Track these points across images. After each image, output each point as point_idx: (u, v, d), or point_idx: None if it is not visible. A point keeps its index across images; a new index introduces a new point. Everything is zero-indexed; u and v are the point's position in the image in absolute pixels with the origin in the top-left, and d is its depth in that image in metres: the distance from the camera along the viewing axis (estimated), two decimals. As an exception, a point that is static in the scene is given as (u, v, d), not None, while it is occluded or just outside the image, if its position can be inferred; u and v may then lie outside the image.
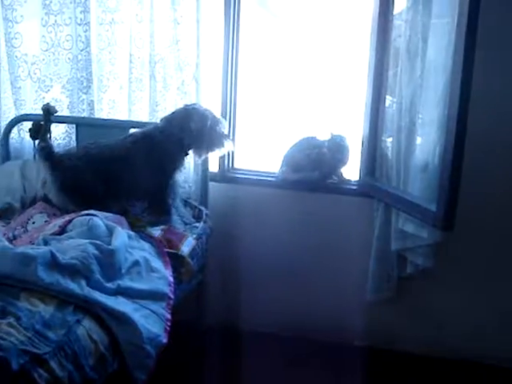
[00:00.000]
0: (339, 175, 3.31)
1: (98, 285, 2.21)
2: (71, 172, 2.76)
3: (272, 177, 3.38)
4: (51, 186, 2.79)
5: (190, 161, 3.23)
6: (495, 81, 2.90)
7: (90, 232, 2.43)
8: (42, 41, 3.27)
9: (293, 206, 3.34)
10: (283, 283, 3.40)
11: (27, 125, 3.29)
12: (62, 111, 3.31)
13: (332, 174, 3.30)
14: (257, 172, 3.48)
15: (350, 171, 3.33)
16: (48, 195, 2.85)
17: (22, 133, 3.40)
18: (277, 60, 3.82)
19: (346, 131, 3.32)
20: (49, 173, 2.76)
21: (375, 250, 3.17)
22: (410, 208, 2.84)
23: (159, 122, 2.98)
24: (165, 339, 2.26)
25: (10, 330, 1.83)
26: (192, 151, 3.00)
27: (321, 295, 3.37)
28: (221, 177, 3.41)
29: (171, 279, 2.50)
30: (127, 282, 2.32)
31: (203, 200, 3.25)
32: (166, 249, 2.67)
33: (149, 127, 2.96)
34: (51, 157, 2.76)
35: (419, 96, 2.86)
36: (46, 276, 2.11)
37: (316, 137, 3.31)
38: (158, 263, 2.53)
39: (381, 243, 3.14)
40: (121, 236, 2.45)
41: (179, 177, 3.06)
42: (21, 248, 2.25)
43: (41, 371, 1.76)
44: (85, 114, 3.31)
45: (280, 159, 3.35)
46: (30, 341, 1.82)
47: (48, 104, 3.19)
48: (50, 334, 1.89)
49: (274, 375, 3.06)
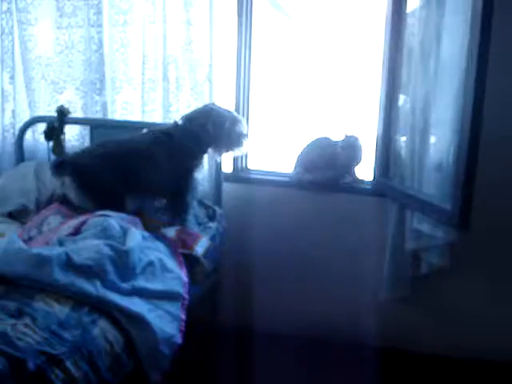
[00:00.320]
0: (353, 175, 3.30)
1: (113, 285, 2.22)
2: (89, 170, 2.77)
3: (286, 177, 3.38)
4: (70, 186, 2.81)
5: (204, 161, 3.22)
6: (510, 79, 2.88)
7: (105, 233, 2.43)
8: (56, 43, 3.30)
9: (307, 207, 3.33)
10: (298, 283, 3.40)
11: (41, 126, 3.31)
12: (76, 113, 3.34)
13: (346, 174, 3.29)
14: (271, 172, 3.48)
15: (364, 171, 3.33)
16: (68, 195, 2.87)
17: (37, 134, 3.42)
18: (290, 60, 3.82)
19: (360, 131, 3.31)
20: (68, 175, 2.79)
21: (390, 250, 3.15)
22: (425, 207, 2.82)
23: (179, 121, 2.97)
24: (179, 339, 2.27)
25: (27, 331, 1.85)
26: (211, 150, 3.00)
27: (335, 295, 3.36)
28: (234, 177, 3.41)
29: (186, 279, 2.50)
30: (142, 283, 2.33)
31: (217, 200, 3.26)
32: (181, 249, 2.67)
33: (168, 125, 2.97)
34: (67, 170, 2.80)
35: (433, 95, 2.83)
36: (62, 277, 2.13)
37: (330, 137, 3.31)
38: (173, 263, 2.53)
39: (395, 243, 3.13)
40: (135, 237, 2.46)
41: (199, 175, 3.06)
42: (36, 249, 2.26)
43: (57, 371, 1.78)
44: (98, 116, 3.32)
45: (294, 159, 3.35)
46: (46, 341, 1.84)
47: (62, 106, 3.23)
48: (66, 335, 1.90)
49: (288, 376, 3.05)
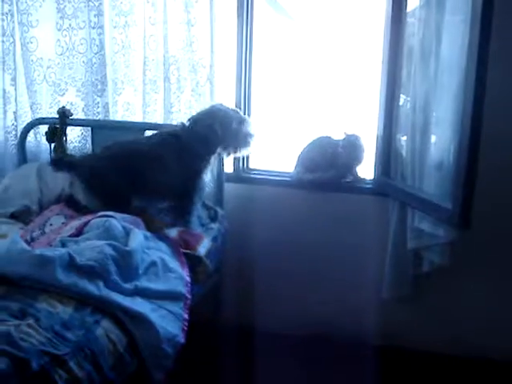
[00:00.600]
0: (354, 174, 3.30)
1: (116, 286, 2.23)
2: (97, 172, 2.79)
3: (287, 177, 3.38)
4: (79, 186, 2.82)
5: (212, 162, 3.21)
6: (510, 78, 2.88)
7: (107, 233, 2.44)
8: (57, 45, 3.30)
9: (308, 206, 3.33)
10: (299, 283, 3.40)
11: (43, 128, 3.32)
12: (78, 114, 3.35)
13: (347, 174, 3.29)
14: (272, 172, 3.48)
15: (365, 170, 3.33)
16: (76, 196, 2.88)
17: (39, 136, 3.43)
18: (291, 60, 3.83)
19: (361, 130, 3.31)
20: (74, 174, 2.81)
21: (391, 249, 3.16)
22: (426, 206, 2.83)
23: (186, 122, 2.97)
24: (182, 339, 2.28)
25: (30, 331, 1.85)
26: (219, 151, 3.00)
27: (337, 294, 3.36)
28: (236, 177, 3.41)
29: (188, 279, 2.51)
30: (144, 283, 2.34)
31: (219, 201, 3.26)
32: (183, 249, 2.68)
33: (175, 127, 2.98)
34: (67, 165, 2.81)
35: (433, 94, 2.84)
36: (64, 277, 2.14)
37: (331, 136, 3.32)
38: (175, 263, 2.54)
39: (396, 241, 3.13)
40: (137, 237, 2.47)
41: (206, 177, 3.07)
42: (39, 250, 2.27)
43: (60, 372, 1.78)
44: (100, 117, 3.33)
45: (295, 159, 3.36)
46: (50, 342, 1.85)
47: (63, 107, 3.24)
48: (69, 335, 1.91)
49: (291, 374, 3.06)
